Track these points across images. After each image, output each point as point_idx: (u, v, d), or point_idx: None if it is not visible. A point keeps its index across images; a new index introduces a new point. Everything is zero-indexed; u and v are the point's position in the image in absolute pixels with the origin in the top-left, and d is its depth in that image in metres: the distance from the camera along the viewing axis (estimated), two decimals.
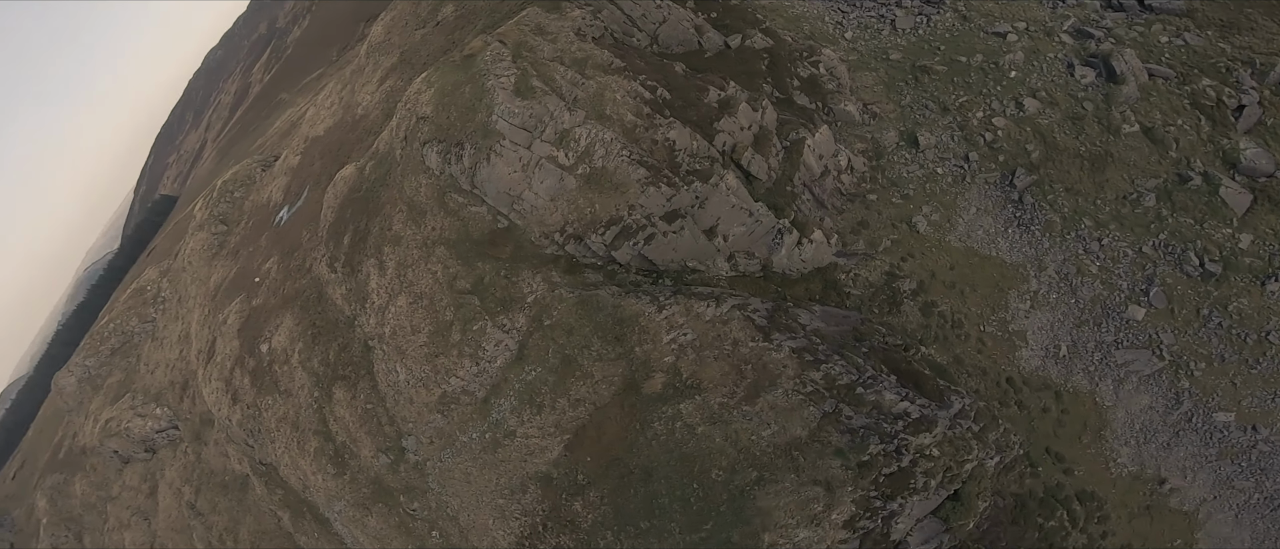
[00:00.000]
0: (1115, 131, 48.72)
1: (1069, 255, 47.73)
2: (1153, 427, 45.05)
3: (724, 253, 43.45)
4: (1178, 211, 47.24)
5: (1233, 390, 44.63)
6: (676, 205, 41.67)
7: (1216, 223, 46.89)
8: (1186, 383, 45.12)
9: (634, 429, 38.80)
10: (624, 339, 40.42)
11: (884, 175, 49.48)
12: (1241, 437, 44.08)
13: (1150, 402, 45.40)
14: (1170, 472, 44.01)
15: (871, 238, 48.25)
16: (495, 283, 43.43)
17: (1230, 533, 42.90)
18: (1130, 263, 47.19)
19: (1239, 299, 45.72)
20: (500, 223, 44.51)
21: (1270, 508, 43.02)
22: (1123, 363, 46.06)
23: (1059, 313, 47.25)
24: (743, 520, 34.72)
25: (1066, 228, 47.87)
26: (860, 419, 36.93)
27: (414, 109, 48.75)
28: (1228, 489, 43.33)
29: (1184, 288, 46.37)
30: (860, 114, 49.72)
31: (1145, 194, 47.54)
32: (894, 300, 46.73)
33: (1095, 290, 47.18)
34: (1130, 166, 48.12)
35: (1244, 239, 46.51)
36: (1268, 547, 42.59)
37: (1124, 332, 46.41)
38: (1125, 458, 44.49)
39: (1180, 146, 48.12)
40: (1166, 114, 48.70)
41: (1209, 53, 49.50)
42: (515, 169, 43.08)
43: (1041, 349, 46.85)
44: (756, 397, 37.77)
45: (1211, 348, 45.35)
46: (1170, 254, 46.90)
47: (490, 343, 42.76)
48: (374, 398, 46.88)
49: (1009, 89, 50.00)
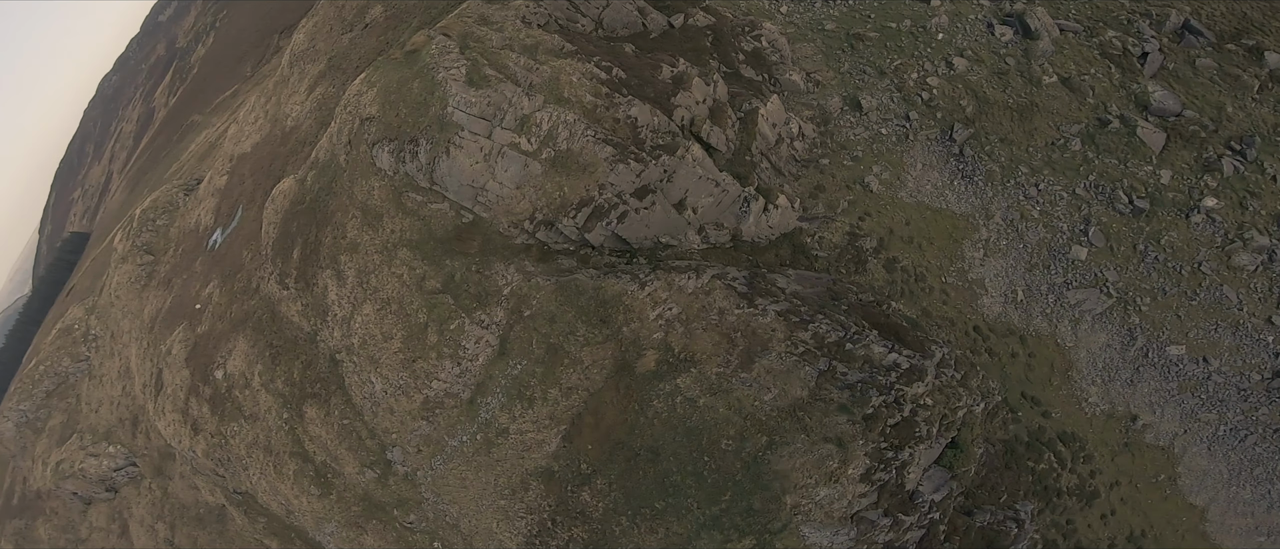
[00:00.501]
0: (1037, 83, 49.62)
1: (1012, 202, 48.22)
2: (1114, 364, 45.86)
3: (695, 225, 41.88)
4: (1102, 153, 48.39)
5: (1179, 323, 45.84)
6: (646, 180, 39.82)
7: (1138, 161, 48.23)
8: (1136, 318, 46.13)
9: (633, 410, 36.80)
10: (610, 320, 38.32)
11: (833, 140, 48.93)
12: (1195, 369, 45.22)
13: (1107, 339, 46.21)
14: (1139, 408, 44.83)
15: (829, 200, 47.58)
16: (468, 279, 40.57)
17: (1207, 465, 43.85)
18: (1067, 205, 48.04)
19: (1169, 232, 47.08)
20: (465, 217, 41.64)
21: (1237, 438, 44.12)
22: (1075, 303, 46.77)
23: (1011, 259, 47.68)
24: (762, 486, 33.25)
25: (1005, 176, 48.39)
26: (855, 374, 36.03)
27: (356, 111, 45.22)
28: (1194, 422, 44.35)
29: (1118, 225, 47.47)
30: (804, 83, 49.02)
31: (1071, 139, 48.52)
32: (859, 259, 46.19)
33: (1040, 234, 47.81)
34: (1054, 114, 49.06)
35: (1164, 175, 48.01)
36: (1244, 476, 43.60)
37: (1072, 272, 47.17)
38: (1095, 397, 45.12)
39: (1096, 93, 49.38)
40: (1080, 64, 49.92)
41: (1110, 7, 51.05)
42: (477, 160, 40.32)
43: (1001, 296, 47.14)
44: (751, 363, 36.38)
45: (1152, 282, 46.54)
46: (1101, 194, 47.96)
47: (470, 341, 39.91)
48: (350, 412, 43.24)
49: (938, 50, 50.27)
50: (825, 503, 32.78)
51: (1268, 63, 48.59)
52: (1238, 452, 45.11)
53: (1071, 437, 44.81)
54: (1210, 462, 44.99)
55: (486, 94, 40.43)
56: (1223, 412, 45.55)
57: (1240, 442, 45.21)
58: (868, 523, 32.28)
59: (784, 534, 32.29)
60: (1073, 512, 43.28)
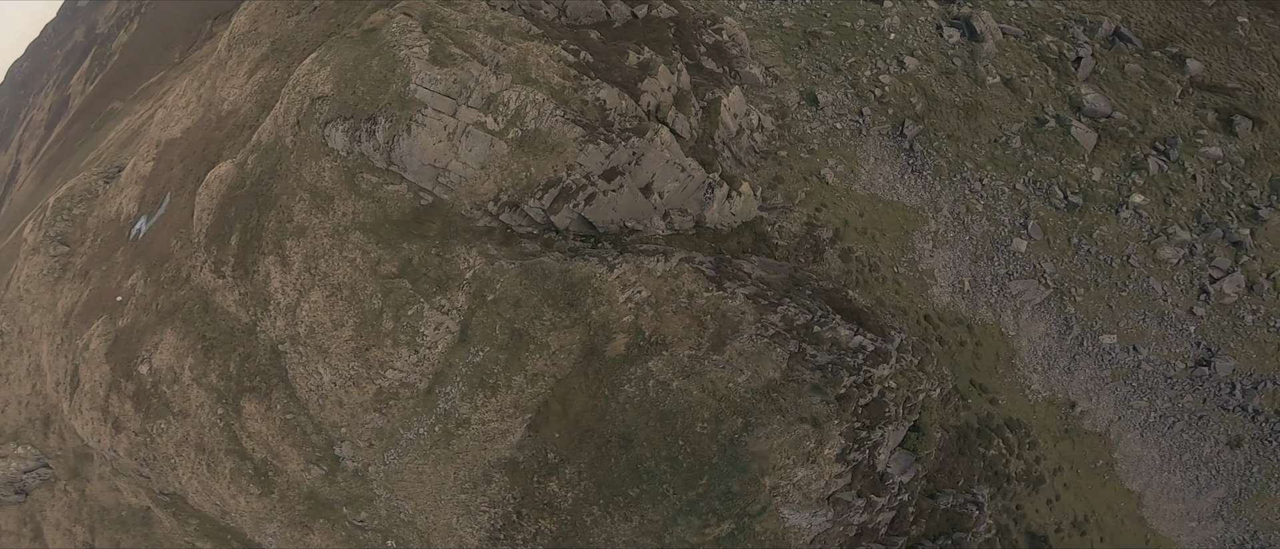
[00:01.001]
0: (981, 83, 50.09)
1: (958, 196, 48.34)
2: (1052, 353, 46.23)
3: (660, 210, 40.04)
4: (1040, 151, 49.09)
5: (1110, 313, 46.61)
6: (615, 163, 37.80)
7: (1072, 159, 49.11)
8: (1072, 308, 46.69)
9: (603, 396, 34.55)
10: (578, 304, 36.02)
11: (790, 132, 48.09)
12: (1126, 357, 45.95)
13: (1046, 329, 46.58)
14: (1077, 395, 45.19)
15: (787, 191, 46.62)
16: (426, 263, 37.59)
17: (1140, 451, 44.35)
18: (1008, 199, 48.49)
19: (1100, 227, 47.98)
20: (424, 199, 38.67)
21: (1166, 425, 44.80)
22: (1016, 293, 47.07)
23: (957, 250, 47.69)
24: (739, 468, 31.49)
25: (952, 171, 48.53)
26: (824, 356, 34.80)
27: (307, 91, 41.67)
28: (1127, 409, 44.92)
29: (1054, 220, 48.15)
30: (763, 76, 48.06)
31: (1012, 137, 49.09)
32: (817, 248, 45.28)
33: (984, 227, 48.04)
34: (997, 113, 49.57)
35: (1096, 172, 49.01)
36: (1174, 462, 44.15)
37: (1013, 263, 47.51)
38: (1037, 384, 45.31)
39: (1034, 94, 50.16)
40: (1020, 66, 50.64)
41: (1048, 13, 52.05)
42: (440, 139, 37.49)
43: (949, 285, 47.05)
44: (723, 345, 34.70)
45: (1086, 273, 47.25)
46: (1039, 189, 48.58)
47: (428, 327, 36.90)
48: (294, 406, 39.44)
49: (891, 49, 50.19)
50: (803, 484, 31.29)
51: (1189, 69, 50.25)
52: (1167, 438, 45.96)
53: (1017, 423, 44.84)
54: (1143, 448, 45.70)
55: (452, 72, 37.71)
56: (1152, 399, 46.38)
57: (1169, 428, 46.08)
58: (843, 504, 31.00)
59: (763, 517, 30.63)
60: (1021, 497, 43.18)
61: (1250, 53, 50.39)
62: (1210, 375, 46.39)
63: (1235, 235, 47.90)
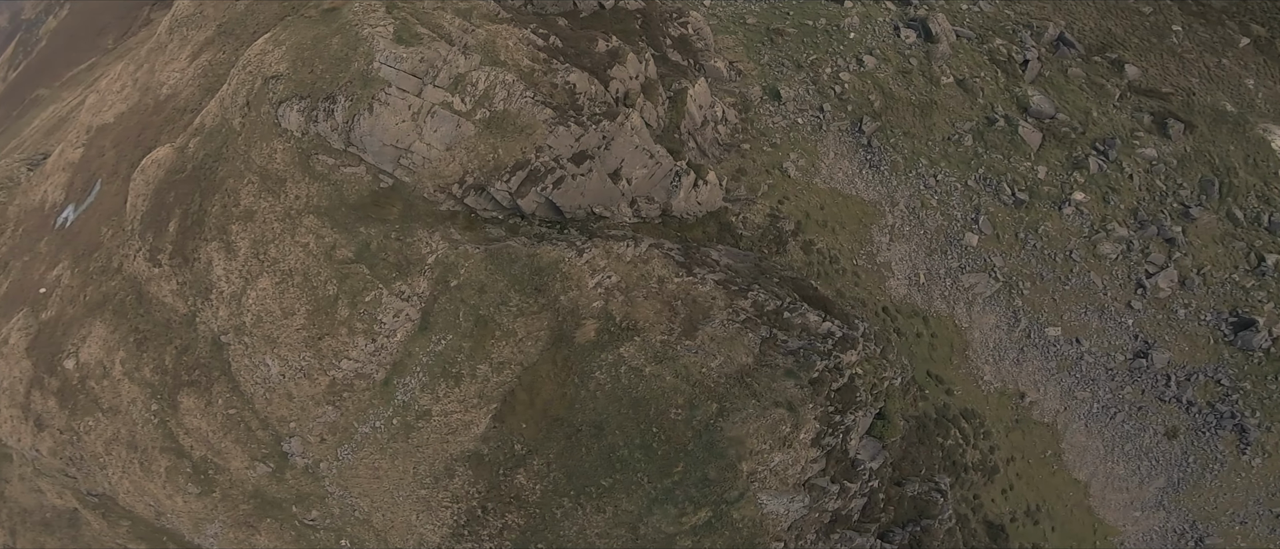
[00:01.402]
0: (936, 83, 50.18)
1: (914, 191, 48.20)
2: (1002, 344, 46.32)
3: (627, 197, 38.39)
4: (990, 149, 49.40)
5: (1055, 306, 46.99)
6: (585, 146, 36.04)
7: (1019, 158, 49.58)
8: (1020, 301, 46.96)
9: (572, 384, 32.61)
10: (546, 289, 34.04)
11: (753, 126, 47.19)
12: (1070, 349, 46.33)
13: (996, 321, 46.68)
14: (1026, 386, 45.27)
15: (750, 184, 45.60)
16: (386, 247, 35.07)
17: (1085, 441, 44.54)
18: (960, 195, 48.58)
19: (1045, 222, 48.46)
20: (383, 182, 36.16)
21: (1109, 416, 45.17)
22: (968, 286, 47.08)
23: (913, 244, 47.48)
24: (716, 454, 29.96)
25: (908, 167, 48.37)
26: (795, 341, 33.63)
27: (259, 71, 38.71)
28: (1072, 400, 45.19)
29: (1003, 215, 48.43)
30: (727, 71, 47.08)
31: (964, 135, 49.27)
32: (780, 240, 44.32)
33: (938, 221, 47.98)
34: (950, 112, 49.71)
35: (1041, 170, 49.53)
36: (1117, 452, 44.43)
37: (965, 257, 47.53)
38: (989, 375, 45.22)
39: (985, 94, 50.51)
40: (972, 68, 50.96)
41: (998, 17, 52.60)
42: (403, 119, 35.08)
43: (905, 278, 46.73)
44: (695, 330, 33.20)
45: (1032, 268, 47.60)
46: (988, 186, 48.83)
47: (388, 314, 34.36)
48: (237, 401, 36.25)
49: (850, 48, 49.89)
50: (780, 469, 29.95)
51: (1127, 74, 51.35)
52: (1110, 428, 46.41)
53: (972, 413, 44.65)
54: (1088, 438, 46.04)
55: (418, 51, 35.38)
56: (1095, 390, 46.85)
57: (1111, 419, 46.55)
58: (819, 490, 29.81)
59: (740, 504, 29.16)
60: (978, 486, 42.86)
61: (1183, 60, 51.83)
62: (1148, 367, 47.11)
63: (1169, 232, 48.90)
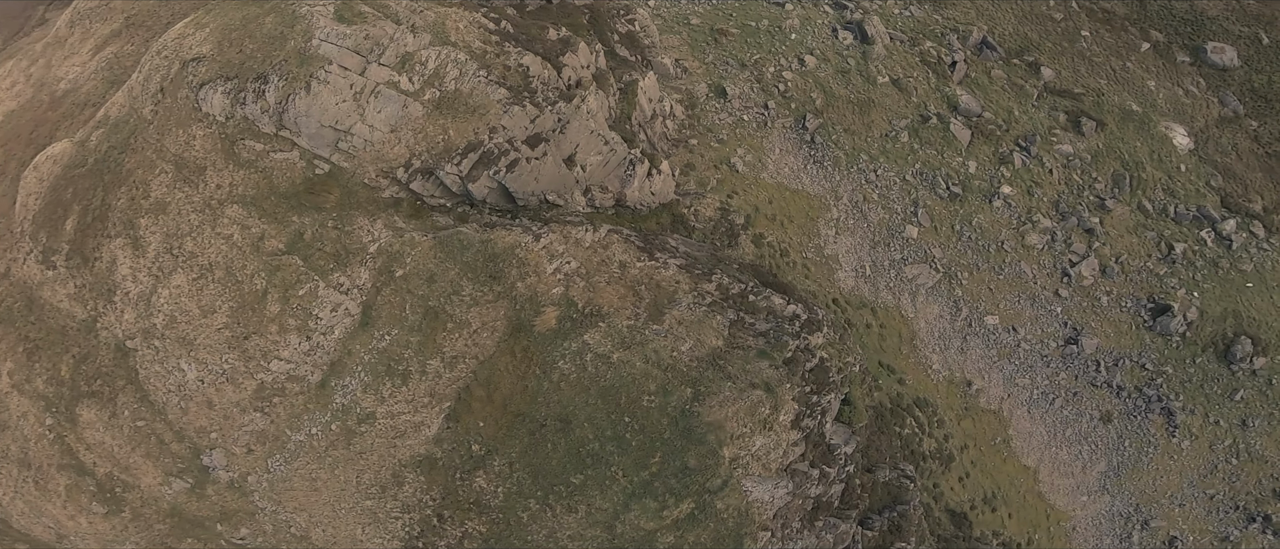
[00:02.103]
0: (873, 82, 49.70)
1: (856, 185, 47.27)
2: (946, 334, 45.50)
3: (582, 185, 35.41)
4: (924, 145, 49.10)
5: (991, 295, 46.63)
6: (540, 128, 32.94)
7: (951, 153, 49.48)
8: (960, 291, 46.38)
9: (534, 376, 29.12)
10: (501, 276, 30.54)
11: (700, 122, 45.19)
12: (1008, 337, 45.88)
13: (939, 311, 45.91)
14: (971, 374, 44.43)
15: (700, 178, 43.43)
16: (322, 237, 30.86)
17: (1030, 427, 43.73)
18: (899, 189, 47.96)
19: (977, 215, 48.30)
20: (319, 168, 31.98)
21: (1048, 402, 44.59)
22: (911, 277, 46.26)
23: (858, 237, 46.35)
24: (695, 440, 27.02)
25: (849, 162, 47.45)
26: (762, 323, 31.25)
27: (177, 54, 33.97)
28: (1014, 386, 44.55)
29: (939, 208, 48.03)
30: (674, 68, 45.00)
31: (900, 132, 48.83)
32: (732, 233, 42.19)
33: (880, 214, 47.11)
34: (887, 110, 49.23)
35: (971, 165, 49.52)
36: (1059, 437, 43.70)
37: (907, 249, 46.74)
38: (937, 364, 44.19)
39: (918, 93, 50.30)
40: (905, 68, 50.74)
41: (928, 22, 52.71)
42: (344, 99, 31.11)
43: (852, 270, 45.46)
44: (661, 314, 30.35)
45: (969, 258, 47.25)
46: (925, 180, 48.44)
47: (324, 308, 30.07)
48: (146, 411, 31.01)
49: (792, 48, 48.90)
50: (762, 454, 27.30)
51: (1043, 76, 52.16)
52: (1050, 414, 46.03)
53: (924, 402, 43.40)
54: (1032, 424, 45.55)
55: (362, 28, 31.57)
56: (1033, 376, 46.52)
57: (1050, 405, 46.21)
58: (801, 475, 27.33)
59: (724, 492, 26.32)
60: (937, 475, 41.44)
61: (1092, 62, 53.12)
62: (1078, 353, 47.16)
63: (1088, 223, 49.52)
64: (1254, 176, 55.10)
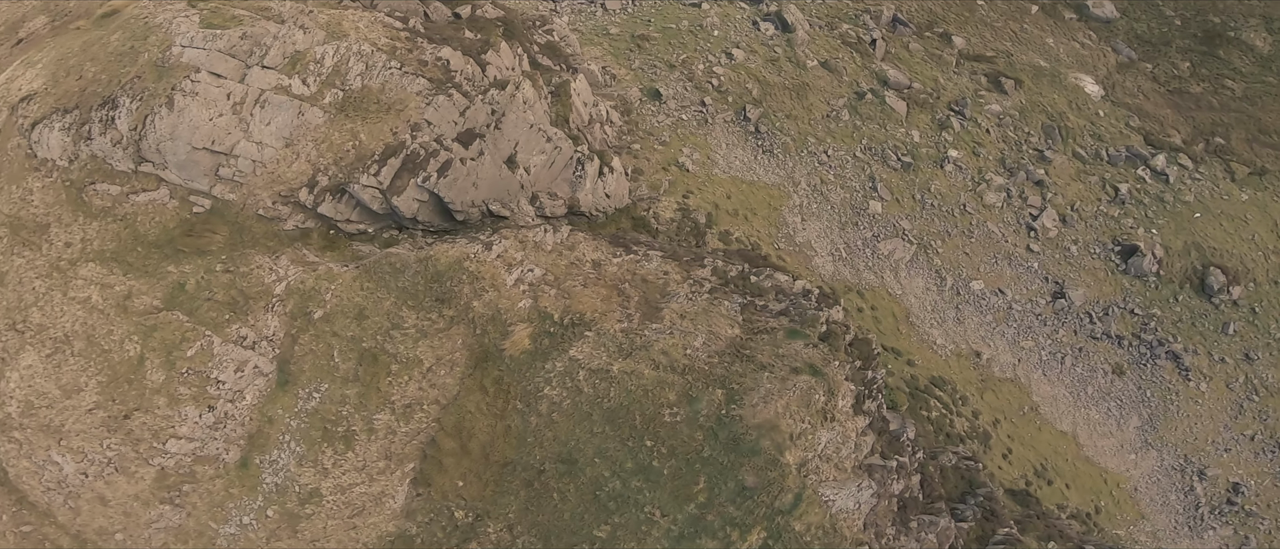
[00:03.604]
0: (803, 67, 45.37)
1: (811, 169, 42.05)
2: (939, 306, 40.25)
3: (527, 191, 28.15)
4: (866, 121, 44.83)
5: (969, 260, 42.15)
6: (472, 122, 25.70)
7: (893, 125, 45.39)
8: (938, 261, 41.63)
9: (516, 412, 21.13)
10: (451, 298, 22.66)
11: (639, 127, 39.09)
12: (997, 300, 41.18)
13: (924, 284, 40.77)
14: (976, 344, 39.01)
15: (651, 182, 36.95)
16: (210, 285, 22.29)
17: (1051, 390, 38.25)
18: (853, 167, 43.18)
19: (934, 181, 44.06)
20: (198, 206, 23.57)
21: (1058, 361, 39.47)
22: (887, 253, 41.00)
23: (825, 220, 40.82)
24: (746, 451, 19.50)
25: (798, 147, 42.38)
26: (776, 302, 24.51)
27: (5, 100, 25.19)
28: (1021, 350, 39.35)
29: (896, 179, 43.51)
30: (602, 74, 38.91)
31: (840, 111, 44.46)
32: (697, 232, 35.64)
33: (841, 194, 41.93)
34: (822, 91, 44.85)
35: (914, 134, 45.47)
36: (1082, 397, 38.55)
37: (876, 225, 41.62)
38: (940, 339, 38.57)
39: (849, 72, 46.32)
40: (830, 51, 46.83)
41: (840, 6, 49.14)
42: (220, 112, 23.05)
43: (829, 254, 39.69)
44: (658, 311, 23.12)
45: (937, 226, 42.72)
46: (875, 154, 43.97)
47: (226, 370, 21.33)
48: (30, 515, 21.05)
49: (717, 44, 44.07)
50: (832, 453, 20.09)
51: (955, 44, 49.25)
52: (1065, 374, 40.91)
53: (941, 381, 37.39)
54: (1052, 387, 40.24)
55: (238, 31, 23.78)
56: (1035, 337, 41.60)
57: (1061, 364, 41.20)
58: (880, 470, 20.25)
59: (801, 509, 18.78)
60: (979, 456, 35.07)
61: (994, 28, 50.77)
62: (1069, 307, 42.74)
63: (1035, 176, 45.99)
64: (1165, 113, 53.25)
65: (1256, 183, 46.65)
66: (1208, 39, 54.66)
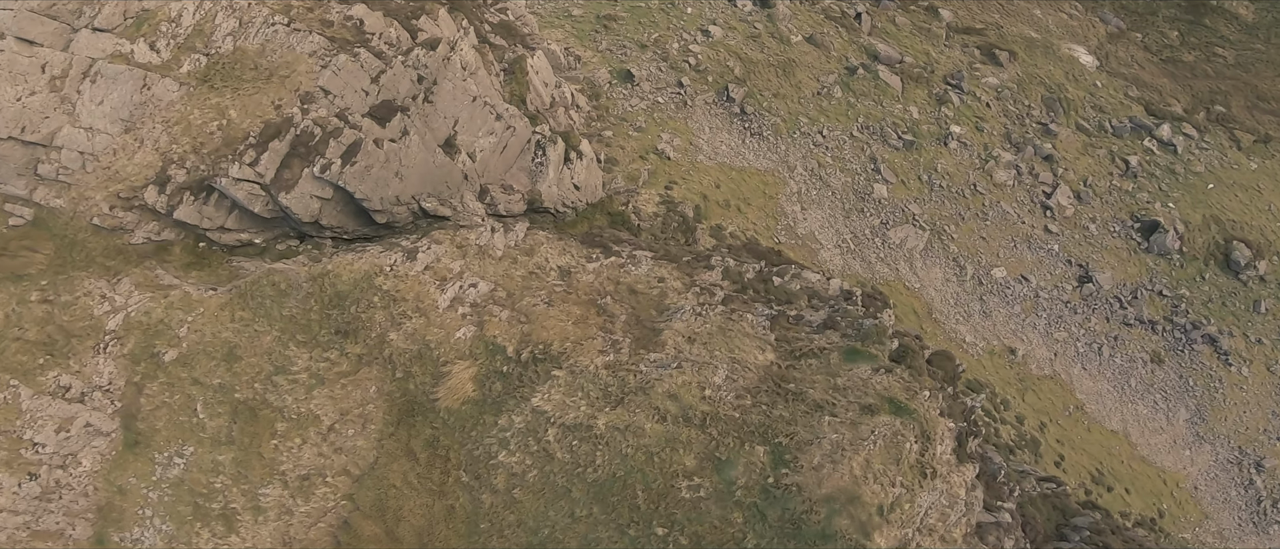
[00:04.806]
0: (787, 42, 38.57)
1: (806, 151, 35.19)
2: (962, 298, 33.59)
3: (473, 182, 20.73)
4: (860, 97, 38.19)
5: (987, 245, 35.66)
6: (392, 92, 18.21)
7: (890, 101, 38.81)
8: (954, 247, 35.03)
9: (461, 486, 13.72)
10: (358, 329, 15.17)
11: (610, 112, 31.97)
12: (1022, 288, 34.73)
13: (943, 274, 34.09)
14: (1008, 339, 32.42)
15: (628, 173, 29.77)
16: (21, 319, 14.58)
17: (1094, 386, 31.96)
18: (851, 147, 36.43)
19: (939, 160, 37.52)
20: (16, 217, 15.85)
21: (1095, 353, 33.21)
22: (898, 242, 34.20)
23: (827, 208, 33.92)
24: (815, 538, 12.19)
25: (790, 128, 35.53)
26: (813, 311, 17.41)
27: None
28: (1055, 342, 32.94)
29: (898, 159, 36.86)
30: (564, 56, 31.69)
31: (831, 87, 37.73)
32: (686, 228, 28.52)
33: (841, 179, 35.09)
34: (810, 68, 38.11)
35: (913, 111, 38.92)
36: (1126, 391, 32.50)
37: (883, 211, 34.81)
38: (969, 336, 31.93)
39: (836, 47, 39.72)
40: (814, 25, 40.23)
41: None
42: (33, 89, 15.38)
43: (835, 246, 32.76)
44: (656, 334, 15.82)
45: (948, 209, 36.10)
46: (874, 133, 37.28)
47: (44, 428, 13.67)
48: None
49: (691, 21, 37.19)
50: (936, 521, 12.91)
51: (943, 17, 43.04)
52: (1106, 366, 34.56)
53: (979, 385, 30.60)
54: (1094, 382, 33.86)
55: None
56: (1068, 328, 35.26)
57: (1099, 355, 34.89)
58: (994, 532, 13.12)
59: None
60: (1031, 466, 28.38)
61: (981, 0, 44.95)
62: (1098, 291, 36.44)
63: (1043, 151, 39.80)
64: (1162, 83, 47.49)
65: (1263, 151, 41.57)
66: (1193, 8, 49.48)
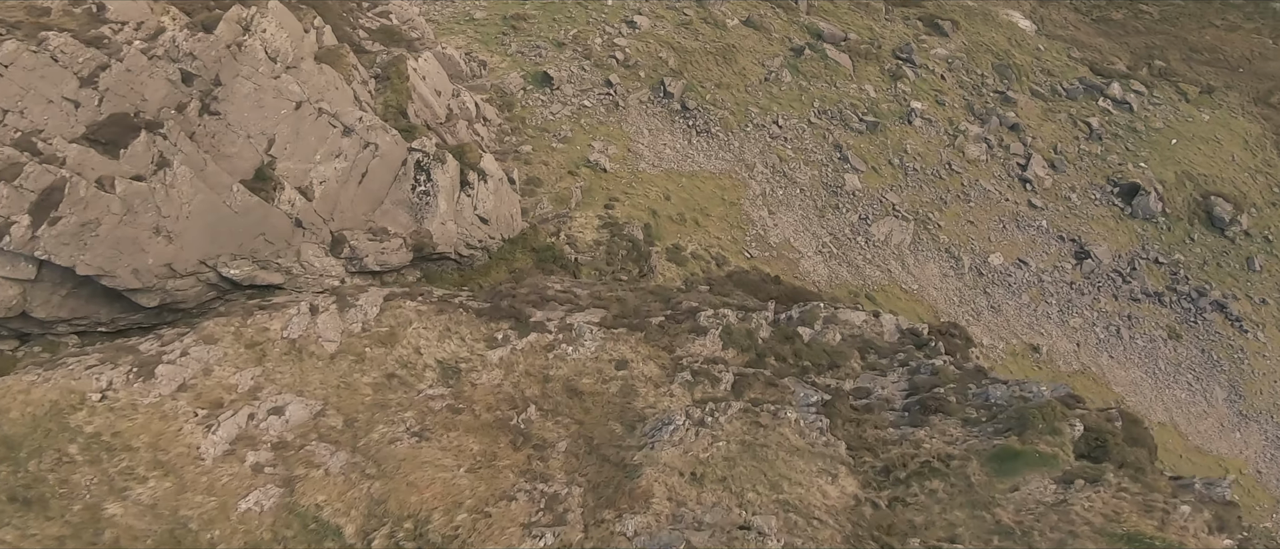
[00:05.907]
0: (723, 27, 31.47)
1: (763, 145, 28.03)
2: (965, 295, 27.01)
3: (318, 229, 12.31)
4: (812, 80, 31.46)
5: (975, 230, 29.34)
6: (129, 102, 9.67)
7: (843, 82, 32.27)
8: (944, 237, 28.47)
9: None
10: (48, 497, 6.58)
11: (527, 123, 24.00)
12: (1024, 274, 28.52)
13: (938, 268, 27.44)
14: (1027, 336, 25.94)
15: (556, 194, 21.73)
16: None
17: (1126, 374, 25.95)
18: (811, 136, 29.55)
19: (906, 141, 31.19)
20: None
21: (1117, 338, 27.38)
22: (883, 237, 27.29)
23: (799, 209, 26.75)
24: None
25: (741, 121, 28.33)
26: (881, 377, 9.70)
27: None
28: (1073, 332, 26.79)
29: (865, 144, 30.21)
30: (465, 63, 23.50)
31: (779, 71, 30.81)
32: (639, 256, 20.68)
33: (807, 172, 28.05)
34: (752, 52, 31.16)
35: (868, 90, 32.59)
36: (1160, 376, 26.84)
37: (858, 204, 27.91)
38: (985, 338, 25.22)
39: (777, 30, 33.13)
40: (750, 7, 33.54)
41: None
42: None
43: (817, 253, 25.54)
44: (630, 476, 7.83)
45: (927, 194, 29.62)
46: (834, 118, 30.56)
47: None
48: None
49: (614, 13, 29.74)
50: None
51: None
52: (1129, 350, 28.84)
53: None
54: (1125, 370, 27.97)
55: None
56: (1082, 313, 29.34)
57: (1119, 339, 29.14)
58: None
59: None
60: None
61: None
62: (1097, 268, 30.82)
63: (1007, 120, 34.16)
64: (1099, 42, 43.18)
65: (1210, 101, 37.72)
66: None
